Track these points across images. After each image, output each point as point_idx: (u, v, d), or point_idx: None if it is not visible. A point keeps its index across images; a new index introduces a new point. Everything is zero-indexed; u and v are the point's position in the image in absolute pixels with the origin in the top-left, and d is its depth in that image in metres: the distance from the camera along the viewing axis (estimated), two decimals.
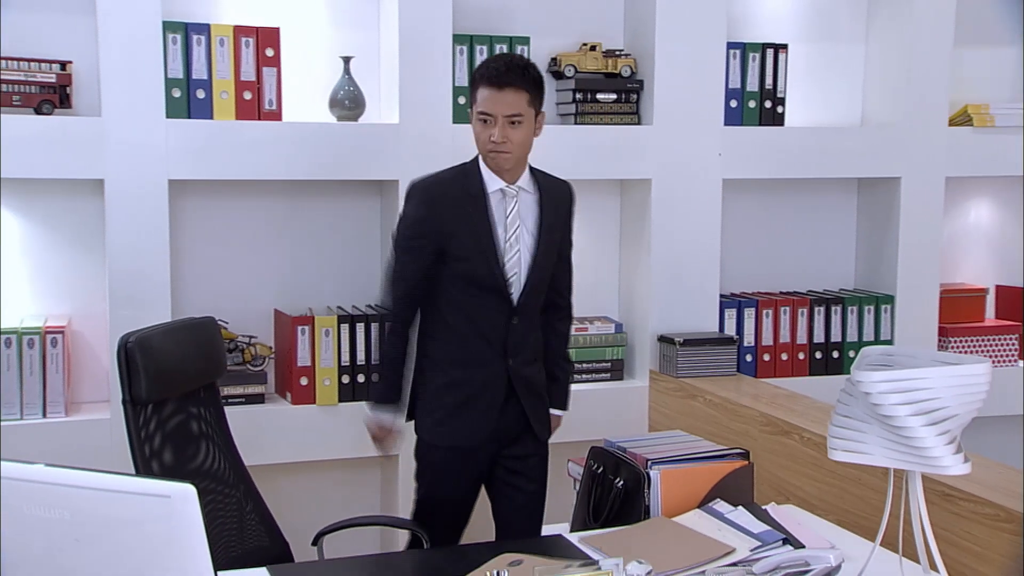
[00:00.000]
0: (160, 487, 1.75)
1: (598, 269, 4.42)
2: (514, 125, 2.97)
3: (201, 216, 3.98)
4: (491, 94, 2.95)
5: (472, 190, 3.02)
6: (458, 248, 3.00)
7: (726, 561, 2.49)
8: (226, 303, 3.98)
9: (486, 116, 2.97)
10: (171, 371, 2.82)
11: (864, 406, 2.24)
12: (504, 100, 2.94)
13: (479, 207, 3.01)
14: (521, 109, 2.96)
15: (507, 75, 2.94)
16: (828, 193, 4.71)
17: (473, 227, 2.99)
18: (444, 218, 3.00)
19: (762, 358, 4.40)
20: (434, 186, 3.05)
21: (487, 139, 2.98)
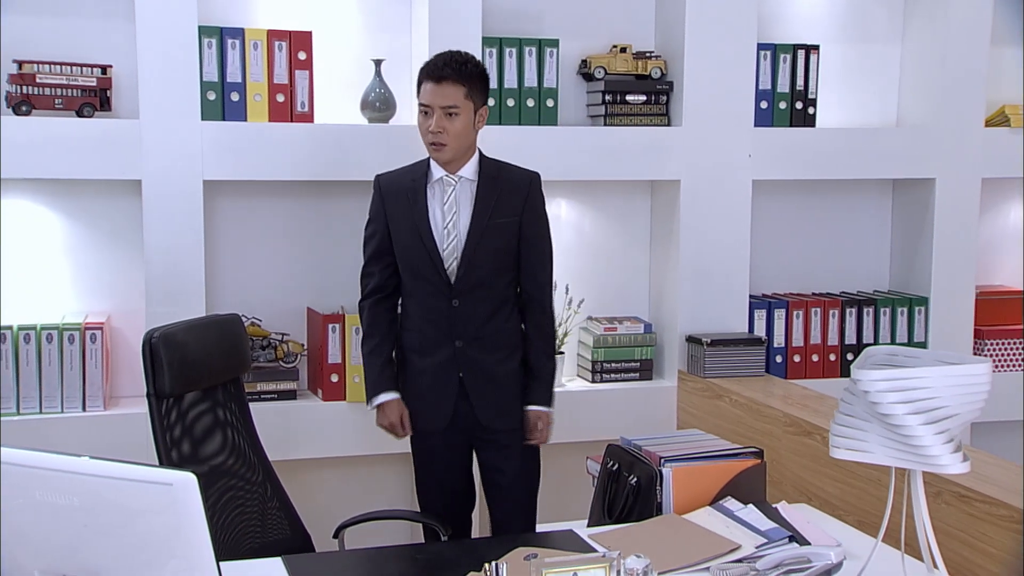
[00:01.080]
0: (162, 475, 1.82)
1: (628, 269, 4.45)
2: (451, 117, 3.15)
3: (235, 216, 4.06)
4: (431, 87, 3.16)
5: (416, 177, 3.25)
6: (400, 232, 3.24)
7: (731, 557, 2.51)
8: (259, 301, 4.06)
9: (426, 108, 3.17)
10: (194, 366, 2.90)
11: (865, 405, 2.26)
12: (441, 93, 3.14)
13: (419, 193, 3.23)
14: (457, 101, 3.15)
15: (444, 69, 3.15)
16: (862, 194, 4.70)
17: (411, 214, 3.22)
18: (390, 205, 3.26)
19: (792, 359, 4.40)
20: (388, 176, 3.33)
21: (426, 130, 3.18)
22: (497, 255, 3.24)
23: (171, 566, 1.86)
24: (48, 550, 1.92)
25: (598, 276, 4.42)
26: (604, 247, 4.43)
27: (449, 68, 3.15)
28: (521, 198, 3.28)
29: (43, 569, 1.94)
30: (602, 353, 4.25)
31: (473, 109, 3.20)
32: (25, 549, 1.94)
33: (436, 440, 3.33)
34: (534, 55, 4.08)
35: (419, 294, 3.28)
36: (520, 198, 3.28)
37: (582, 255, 4.40)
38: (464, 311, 3.24)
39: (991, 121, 4.55)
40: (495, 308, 3.28)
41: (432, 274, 3.23)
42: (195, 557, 1.85)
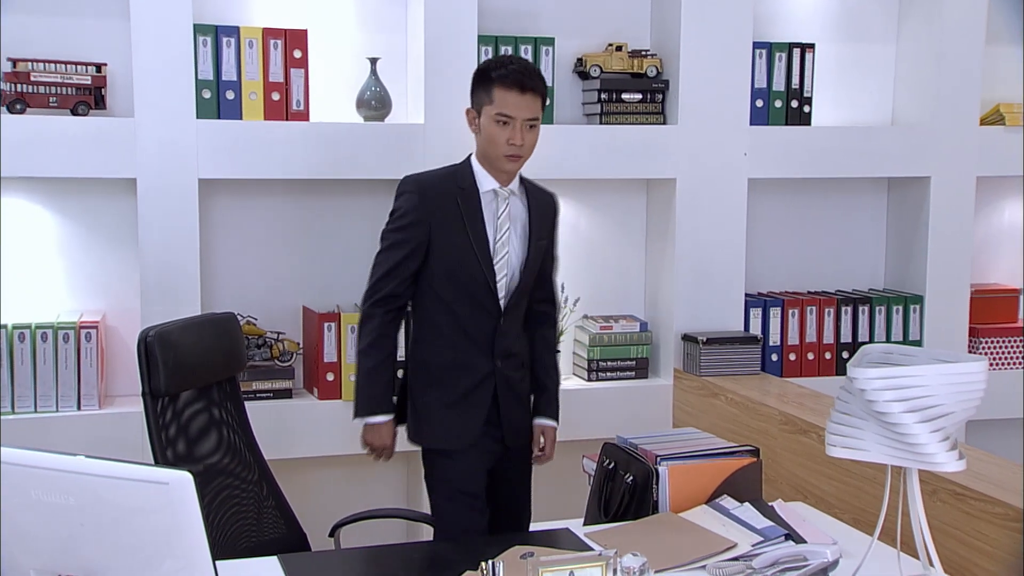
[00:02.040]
0: (158, 474, 1.82)
1: (624, 268, 4.45)
2: (531, 129, 3.00)
3: (231, 214, 4.06)
4: (514, 97, 2.96)
5: (465, 186, 3.04)
6: (446, 243, 3.01)
7: (727, 556, 2.51)
8: (255, 299, 4.06)
9: (506, 118, 2.97)
10: (190, 365, 2.89)
11: (861, 403, 2.26)
12: (526, 103, 2.97)
13: (471, 204, 3.03)
14: (538, 113, 3.01)
15: (530, 79, 2.97)
16: (857, 193, 4.70)
17: (463, 223, 3.01)
18: (434, 212, 3.00)
19: (788, 357, 4.40)
20: (426, 180, 3.08)
21: (504, 141, 2.98)
22: (533, 274, 3.14)
23: (167, 565, 1.86)
24: (44, 549, 1.92)
25: (594, 274, 4.42)
26: (600, 245, 4.43)
27: (535, 78, 2.99)
28: (551, 219, 3.20)
29: (39, 568, 1.94)
30: (598, 352, 4.25)
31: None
32: (21, 548, 1.93)
33: (455, 457, 3.10)
34: (530, 53, 4.08)
35: (460, 310, 3.06)
36: (550, 218, 3.19)
37: (578, 253, 4.40)
38: (507, 330, 3.10)
39: (986, 120, 4.55)
40: (521, 324, 3.19)
41: (481, 291, 3.04)
42: (191, 556, 1.84)
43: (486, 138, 3.01)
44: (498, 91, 2.98)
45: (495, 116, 2.98)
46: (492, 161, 3.02)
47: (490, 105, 2.99)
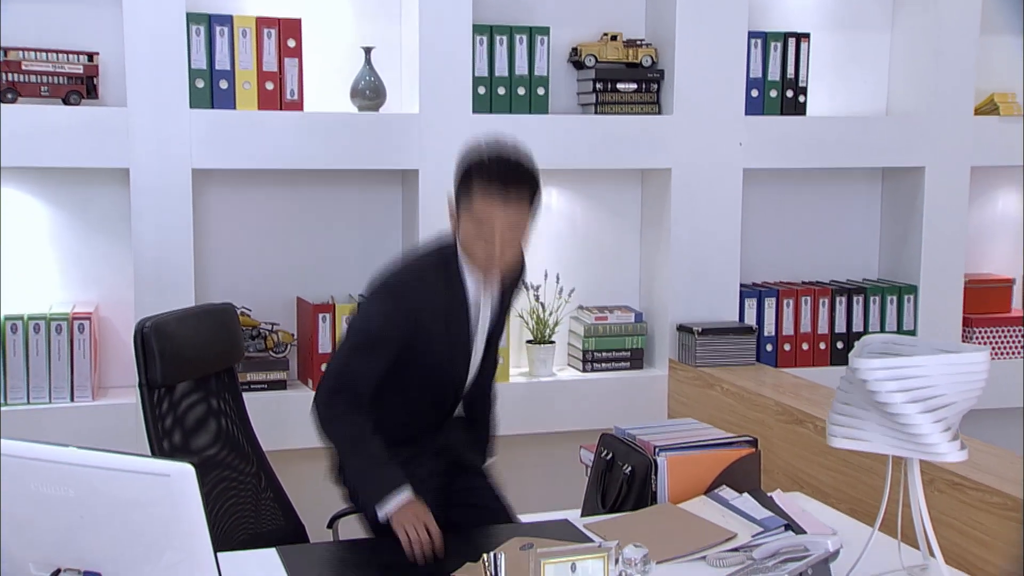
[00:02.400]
0: (159, 466, 1.80)
1: (619, 259, 4.44)
2: (513, 237, 2.63)
3: (224, 205, 4.04)
4: (496, 204, 2.56)
5: (454, 302, 2.70)
6: (427, 348, 2.69)
7: (727, 547, 2.51)
8: (249, 290, 4.04)
9: (487, 224, 2.58)
10: (186, 355, 2.87)
11: (862, 393, 2.26)
12: (509, 212, 2.58)
13: (458, 309, 2.71)
14: (524, 219, 2.63)
15: (515, 183, 2.58)
16: (852, 183, 4.70)
17: (449, 329, 2.71)
18: (415, 323, 2.65)
19: (783, 348, 4.40)
20: (409, 291, 2.66)
21: (483, 248, 2.61)
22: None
23: (167, 557, 1.85)
24: (43, 541, 1.90)
25: (588, 265, 4.41)
26: (595, 236, 4.42)
27: (521, 178, 2.60)
28: (513, 283, 2.90)
29: (37, 561, 1.92)
30: (593, 342, 4.25)
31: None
32: (20, 540, 1.92)
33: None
34: (525, 43, 4.06)
35: (415, 395, 2.79)
36: (513, 283, 2.89)
37: (573, 244, 4.39)
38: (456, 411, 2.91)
39: (980, 109, 4.55)
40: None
41: (449, 388, 2.83)
42: (192, 548, 1.83)
43: (464, 242, 2.64)
44: (479, 193, 2.57)
45: (475, 223, 2.59)
46: (470, 265, 2.69)
47: (469, 210, 2.60)
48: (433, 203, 3.96)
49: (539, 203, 2.68)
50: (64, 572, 1.90)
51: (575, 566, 2.11)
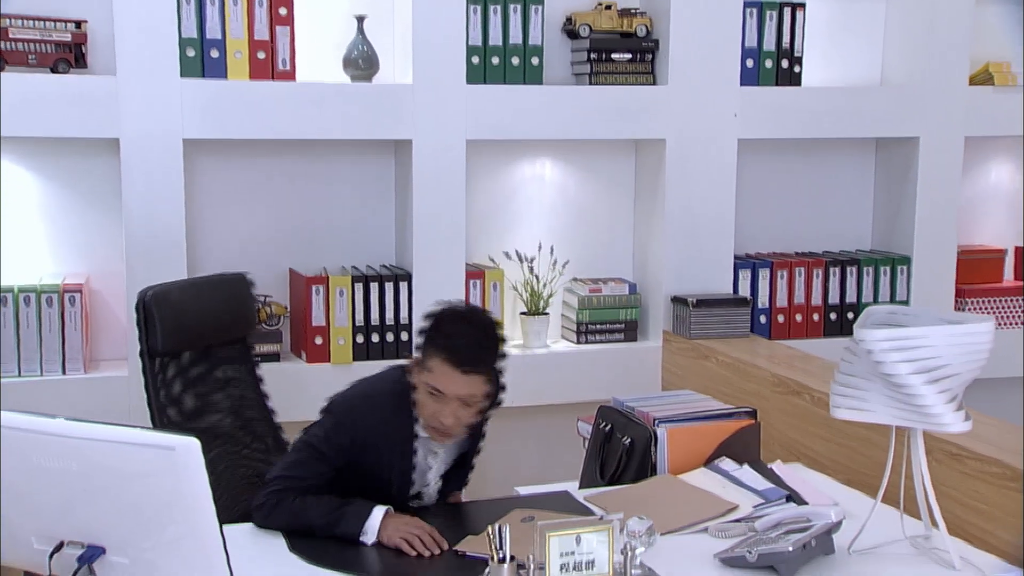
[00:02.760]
0: (164, 439, 1.78)
1: (612, 230, 4.42)
2: (466, 407, 2.54)
3: (216, 176, 4.00)
4: (451, 375, 2.50)
5: (404, 432, 2.63)
6: (366, 475, 2.61)
7: (729, 518, 2.51)
8: (241, 262, 3.98)
9: (439, 394, 2.52)
10: (190, 324, 2.87)
11: (866, 364, 2.25)
12: (464, 384, 2.51)
13: (404, 459, 2.64)
14: (478, 394, 2.54)
15: (475, 361, 2.51)
16: (845, 154, 4.68)
17: (390, 471, 2.62)
18: (358, 450, 2.59)
19: (776, 319, 4.39)
20: (358, 420, 2.60)
21: (432, 415, 2.54)
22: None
23: (171, 531, 1.83)
24: (45, 515, 1.89)
25: (582, 237, 4.38)
26: (588, 207, 4.39)
27: (482, 356, 2.54)
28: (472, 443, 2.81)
29: (40, 534, 1.90)
30: (587, 314, 4.23)
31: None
32: (21, 514, 1.90)
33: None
34: (519, 12, 4.02)
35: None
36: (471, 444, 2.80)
37: (567, 216, 4.37)
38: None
39: (975, 79, 4.53)
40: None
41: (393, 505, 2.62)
42: (197, 521, 1.82)
43: (416, 398, 2.58)
44: (437, 361, 2.51)
45: (428, 387, 2.53)
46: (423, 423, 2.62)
47: (427, 372, 2.54)
48: (427, 174, 3.93)
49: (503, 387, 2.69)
50: (67, 545, 1.88)
51: (580, 539, 2.10)
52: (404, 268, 4.06)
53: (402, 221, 4.09)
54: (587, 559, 2.11)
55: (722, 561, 2.28)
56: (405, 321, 3.98)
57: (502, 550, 2.08)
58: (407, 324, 3.99)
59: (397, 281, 3.97)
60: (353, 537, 2.44)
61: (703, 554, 2.34)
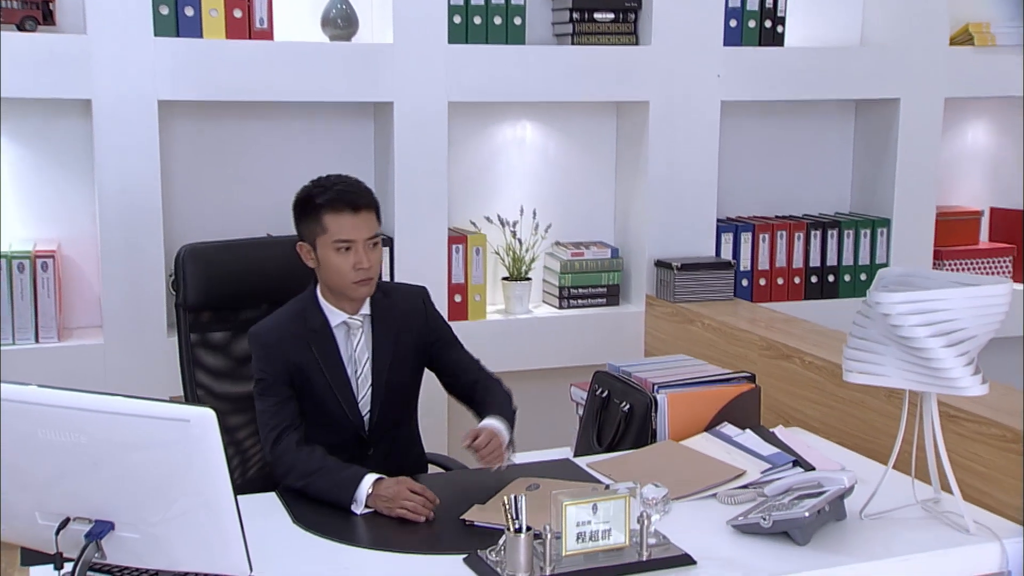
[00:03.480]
0: (179, 411, 1.72)
1: (593, 193, 4.37)
2: (374, 247, 2.68)
3: (191, 138, 3.89)
4: (348, 219, 2.64)
5: (316, 327, 2.69)
6: (308, 388, 2.67)
7: (737, 484, 2.48)
8: (218, 227, 3.90)
9: (347, 243, 2.63)
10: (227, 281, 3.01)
11: (882, 328, 2.22)
12: (363, 222, 2.66)
13: (325, 346, 2.69)
14: (377, 230, 2.69)
15: (360, 196, 2.67)
16: (824, 116, 4.65)
17: (321, 366, 2.68)
18: (288, 359, 2.65)
19: (758, 283, 4.37)
20: (272, 331, 2.70)
21: (351, 268, 2.64)
22: (405, 390, 2.82)
23: (184, 504, 1.77)
24: (50, 490, 1.82)
25: (563, 200, 4.33)
26: (569, 171, 4.33)
27: (364, 194, 2.69)
28: (421, 316, 2.82)
29: (44, 510, 1.84)
30: (569, 279, 4.18)
31: None
32: (24, 490, 1.83)
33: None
34: None
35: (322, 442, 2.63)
36: (420, 317, 2.82)
37: (548, 179, 4.31)
38: (376, 456, 2.74)
39: (955, 40, 4.51)
40: (403, 435, 2.86)
41: (347, 430, 2.72)
42: (211, 495, 1.76)
43: (328, 269, 2.67)
44: (329, 217, 2.65)
45: (333, 244, 2.64)
46: (340, 291, 2.69)
47: (325, 235, 2.65)
48: (408, 137, 3.85)
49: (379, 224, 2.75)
50: (73, 521, 1.81)
51: (596, 507, 2.06)
52: (384, 233, 3.98)
53: (382, 185, 4.01)
54: (603, 528, 2.07)
55: (735, 528, 2.25)
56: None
57: (518, 520, 2.03)
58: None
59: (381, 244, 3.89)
60: (344, 506, 2.41)
61: (714, 521, 2.31)
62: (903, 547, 2.20)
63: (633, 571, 2.07)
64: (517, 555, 2.02)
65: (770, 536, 2.21)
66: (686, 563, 2.11)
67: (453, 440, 2.98)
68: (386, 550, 2.21)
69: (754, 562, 2.13)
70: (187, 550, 1.80)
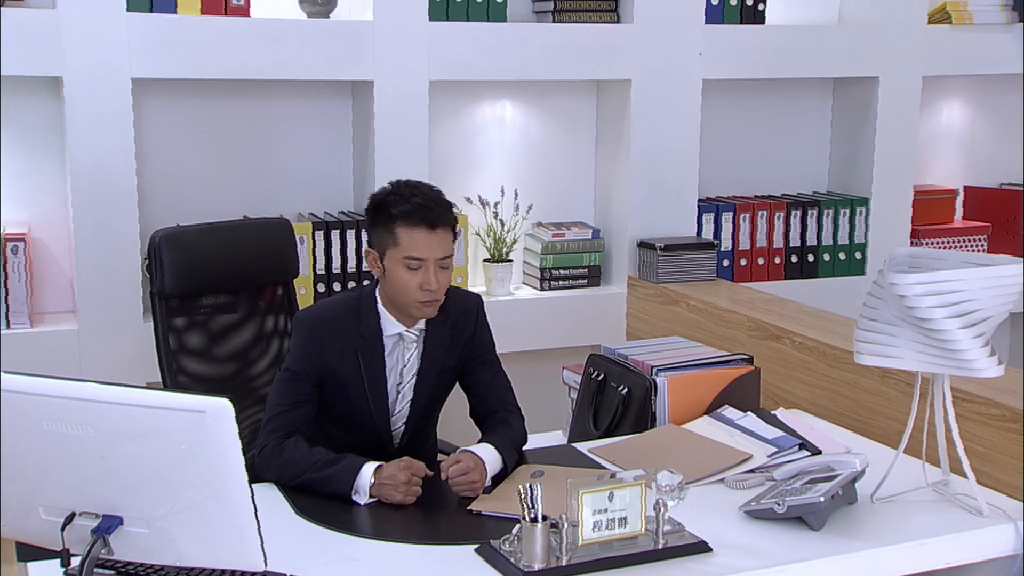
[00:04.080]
0: (194, 402, 1.65)
1: (574, 174, 4.31)
2: (444, 268, 2.51)
3: (166, 117, 3.80)
4: (423, 236, 2.46)
5: (367, 334, 2.55)
6: (339, 390, 2.55)
7: (744, 468, 2.44)
8: (193, 208, 3.81)
9: (417, 262, 2.47)
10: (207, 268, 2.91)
11: (895, 309, 2.19)
12: (438, 242, 2.48)
13: (372, 355, 2.55)
14: (451, 250, 2.54)
15: (439, 214, 2.49)
16: (802, 95, 4.62)
17: (363, 378, 2.55)
18: (328, 356, 2.52)
19: (739, 263, 4.34)
20: (319, 326, 2.54)
21: (417, 287, 2.47)
22: (441, 402, 2.71)
23: (196, 497, 1.70)
24: (55, 484, 1.74)
25: (544, 181, 4.27)
26: (550, 150, 4.28)
27: (443, 209, 2.50)
28: (471, 327, 2.66)
29: (48, 505, 1.76)
30: (550, 260, 4.13)
31: None
32: (26, 484, 1.75)
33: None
34: None
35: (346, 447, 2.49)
36: (470, 327, 2.66)
37: (529, 159, 4.25)
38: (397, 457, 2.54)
39: (933, 18, 4.50)
40: (428, 441, 2.78)
41: (372, 440, 2.60)
42: (226, 487, 1.69)
43: (394, 284, 2.50)
44: (403, 231, 2.47)
45: (403, 260, 2.48)
46: (403, 308, 2.53)
47: (395, 248, 2.48)
48: (388, 116, 3.78)
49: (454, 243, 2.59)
50: (80, 516, 1.74)
51: (612, 495, 2.02)
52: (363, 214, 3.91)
53: (361, 166, 3.94)
54: (620, 516, 2.03)
55: (746, 513, 2.22)
56: (368, 269, 3.84)
57: (534, 509, 1.98)
58: (370, 272, 3.84)
59: (359, 228, 3.82)
60: (344, 496, 2.33)
61: (725, 507, 2.27)
62: (918, 531, 2.17)
63: (650, 559, 2.03)
64: (534, 545, 1.97)
65: (783, 521, 2.18)
66: (702, 550, 2.07)
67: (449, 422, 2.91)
68: (393, 540, 2.15)
69: (770, 549, 2.09)
70: (199, 544, 1.73)
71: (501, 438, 2.50)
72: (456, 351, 2.65)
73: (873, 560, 2.09)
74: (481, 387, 2.67)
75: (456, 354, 2.65)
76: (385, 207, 2.51)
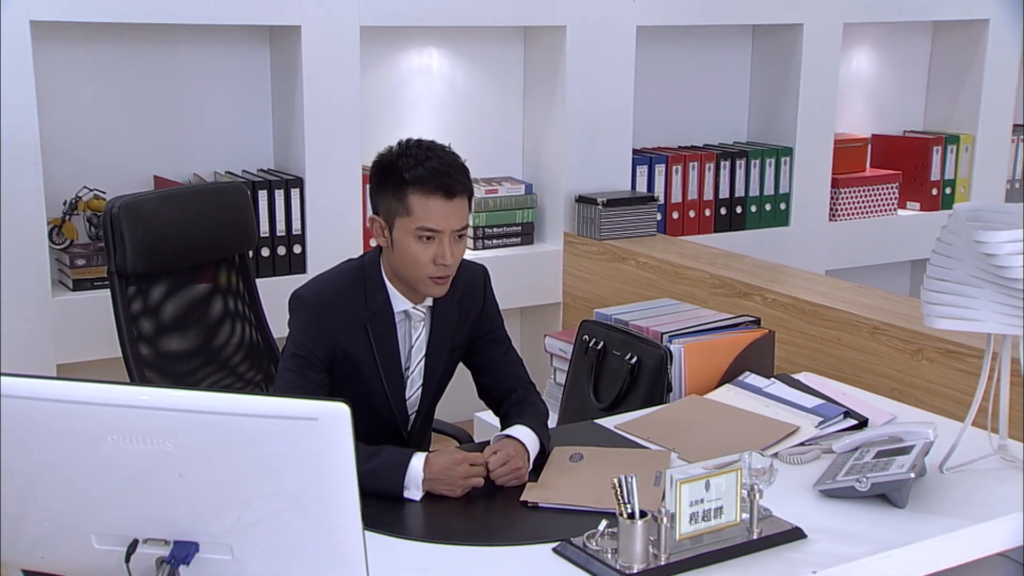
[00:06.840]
0: (305, 408, 1.37)
1: (501, 127, 4.08)
2: (460, 239, 2.26)
3: (69, 66, 3.40)
4: (439, 206, 2.19)
5: (376, 309, 2.29)
6: (349, 371, 2.30)
7: (794, 441, 2.28)
8: (100, 168, 3.43)
9: (432, 233, 2.19)
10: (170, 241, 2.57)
11: (973, 269, 2.06)
12: (454, 211, 2.21)
13: (385, 331, 2.30)
14: (468, 220, 2.28)
15: (457, 180, 2.21)
16: (721, 41, 4.49)
17: (376, 356, 2.30)
18: (335, 341, 2.26)
19: (670, 216, 4.19)
20: (324, 303, 2.27)
21: (430, 261, 2.21)
22: (446, 383, 2.46)
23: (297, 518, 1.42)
24: (116, 509, 1.44)
25: (471, 133, 4.01)
26: (477, 101, 4.03)
27: (461, 175, 2.23)
28: (477, 306, 2.42)
29: (103, 531, 1.45)
30: (484, 218, 3.89)
31: None
32: (80, 508, 1.44)
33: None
34: None
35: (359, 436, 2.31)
36: (476, 307, 2.42)
37: (457, 110, 3.99)
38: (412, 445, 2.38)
39: None
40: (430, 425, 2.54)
41: (387, 427, 2.37)
42: (333, 507, 1.42)
43: (403, 257, 2.23)
44: (416, 199, 2.19)
45: (416, 231, 2.20)
46: (412, 283, 2.27)
47: (407, 217, 2.20)
48: (317, 65, 3.45)
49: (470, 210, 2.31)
50: (143, 544, 1.43)
51: (708, 484, 1.82)
52: (289, 172, 3.58)
53: (282, 119, 3.61)
54: (716, 506, 1.83)
55: (821, 492, 2.05)
56: (298, 231, 3.52)
57: (630, 504, 1.76)
58: (300, 235, 3.53)
59: (288, 187, 3.49)
60: (394, 495, 2.06)
61: (794, 484, 2.08)
62: (1005, 503, 2.05)
63: (748, 551, 1.85)
64: (633, 544, 1.76)
65: (863, 500, 2.02)
66: (797, 537, 1.90)
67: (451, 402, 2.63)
68: (457, 543, 1.90)
69: (862, 530, 1.93)
70: (291, 573, 1.45)
71: (532, 419, 2.26)
72: (464, 329, 2.39)
73: (973, 537, 1.96)
74: (493, 366, 2.42)
75: (464, 332, 2.39)
76: (396, 171, 2.20)
